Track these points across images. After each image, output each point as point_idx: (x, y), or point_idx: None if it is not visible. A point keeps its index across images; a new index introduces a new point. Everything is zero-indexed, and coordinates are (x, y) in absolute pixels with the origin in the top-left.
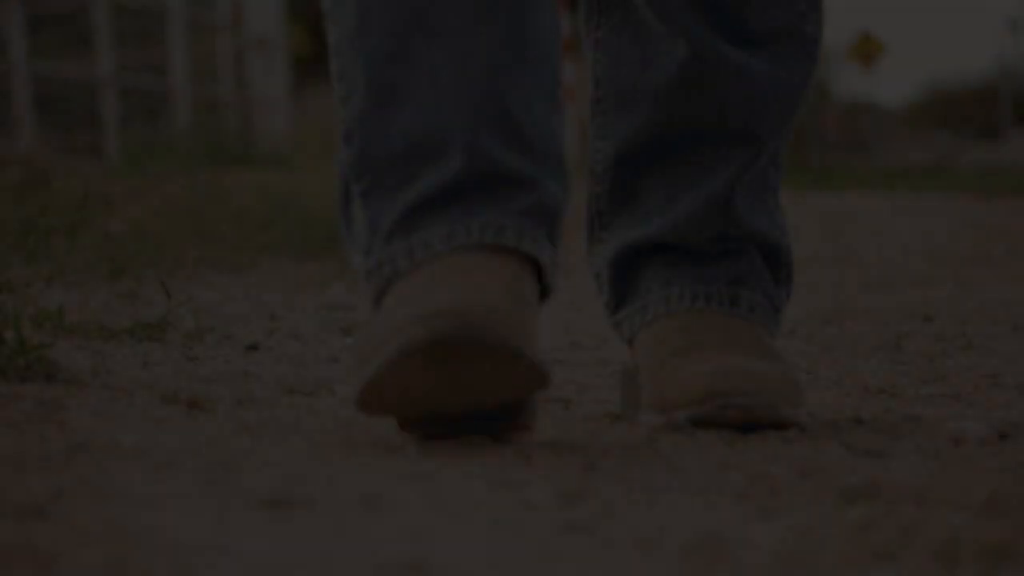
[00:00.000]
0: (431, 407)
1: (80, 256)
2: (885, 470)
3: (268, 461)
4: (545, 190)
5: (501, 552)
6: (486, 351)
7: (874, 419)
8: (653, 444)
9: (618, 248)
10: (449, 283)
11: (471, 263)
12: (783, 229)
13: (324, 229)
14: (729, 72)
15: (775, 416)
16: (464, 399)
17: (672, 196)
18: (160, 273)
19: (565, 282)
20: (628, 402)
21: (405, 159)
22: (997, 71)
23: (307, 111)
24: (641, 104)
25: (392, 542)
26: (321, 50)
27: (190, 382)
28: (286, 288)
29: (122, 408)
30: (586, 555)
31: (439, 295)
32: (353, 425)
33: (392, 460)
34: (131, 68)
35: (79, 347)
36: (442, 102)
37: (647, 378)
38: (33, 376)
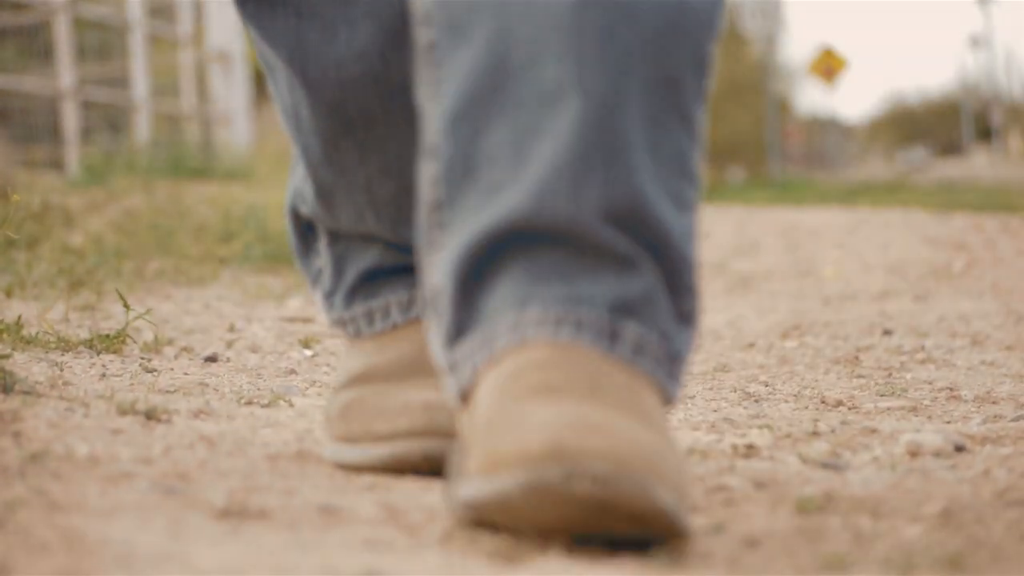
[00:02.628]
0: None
1: (40, 269)
2: (841, 482)
3: (225, 472)
4: None
5: (455, 563)
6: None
7: (831, 431)
8: None
9: (461, 247)
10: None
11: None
12: (691, 234)
13: (283, 243)
14: None
15: (644, 499)
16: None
17: (522, 149)
18: (120, 286)
19: None
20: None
21: (357, 235)
22: (958, 87)
23: (267, 123)
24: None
25: (347, 552)
26: None
27: (148, 393)
28: (245, 301)
29: (79, 419)
30: (540, 569)
31: (419, 388)
32: (310, 437)
33: (349, 472)
34: (92, 81)
35: (37, 359)
36: (380, 211)
37: (479, 434)
38: None
